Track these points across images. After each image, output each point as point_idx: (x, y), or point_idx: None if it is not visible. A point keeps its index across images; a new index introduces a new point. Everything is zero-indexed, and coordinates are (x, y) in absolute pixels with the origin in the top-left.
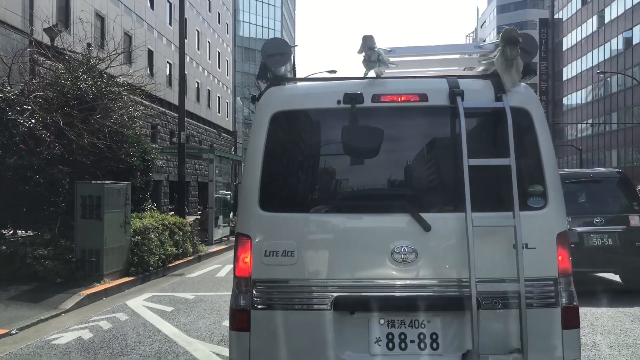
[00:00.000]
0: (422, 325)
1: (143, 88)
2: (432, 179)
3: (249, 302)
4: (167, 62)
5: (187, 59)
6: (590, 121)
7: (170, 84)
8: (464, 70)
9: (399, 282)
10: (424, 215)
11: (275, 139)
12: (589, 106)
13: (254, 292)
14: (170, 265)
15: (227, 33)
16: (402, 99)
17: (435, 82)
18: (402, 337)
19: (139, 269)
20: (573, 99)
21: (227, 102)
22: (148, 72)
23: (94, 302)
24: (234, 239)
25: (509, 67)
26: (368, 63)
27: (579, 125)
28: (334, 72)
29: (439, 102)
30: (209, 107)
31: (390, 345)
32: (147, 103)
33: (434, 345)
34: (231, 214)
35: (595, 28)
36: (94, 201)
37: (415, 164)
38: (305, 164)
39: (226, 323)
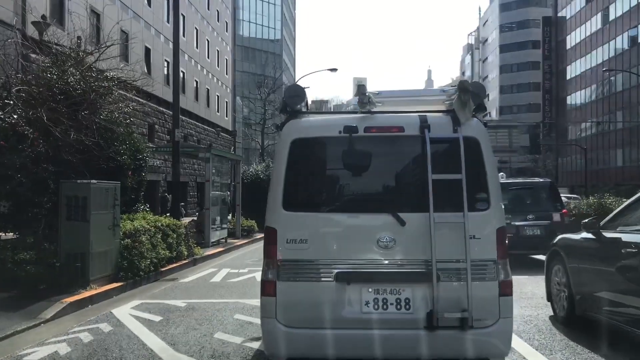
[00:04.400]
0: (399, 293)
1: (134, 83)
2: (407, 188)
3: (275, 276)
4: (165, 60)
5: (186, 57)
6: (592, 120)
7: (168, 82)
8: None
9: (382, 262)
10: (400, 214)
11: (294, 158)
12: (594, 105)
13: (279, 268)
14: (163, 269)
15: (227, 31)
16: (386, 130)
17: (410, 117)
18: (384, 301)
19: (128, 274)
20: (577, 97)
21: (227, 102)
22: (145, 70)
23: (78, 311)
24: (233, 240)
25: (463, 107)
26: (361, 104)
27: (583, 124)
28: (335, 70)
29: (413, 133)
30: (208, 106)
31: (376, 306)
32: (143, 101)
33: (407, 306)
34: (230, 215)
35: (599, 26)
36: (80, 202)
37: (395, 177)
38: (316, 176)
39: (218, 335)
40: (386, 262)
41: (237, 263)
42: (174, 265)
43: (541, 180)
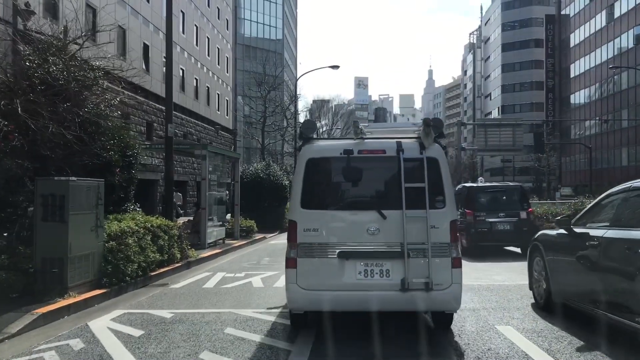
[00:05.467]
0: (382, 265)
1: (122, 74)
2: (387, 193)
3: (296, 254)
4: (164, 57)
5: (185, 54)
6: (598, 117)
7: None
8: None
9: (370, 244)
10: (383, 211)
11: (308, 172)
12: (598, 103)
13: (298, 249)
14: (152, 273)
15: (227, 29)
16: (373, 152)
17: (390, 142)
18: (372, 271)
19: (113, 280)
20: (581, 96)
21: (227, 100)
22: (144, 66)
23: (51, 323)
24: (231, 241)
25: (426, 136)
26: (356, 134)
27: (587, 123)
28: (337, 67)
29: (392, 154)
30: (208, 104)
31: (366, 275)
32: (141, 98)
33: (387, 275)
34: (228, 215)
35: (604, 23)
36: (57, 201)
37: (379, 185)
38: (324, 185)
39: (204, 356)
40: (373, 244)
41: (234, 266)
42: (166, 269)
43: (512, 184)
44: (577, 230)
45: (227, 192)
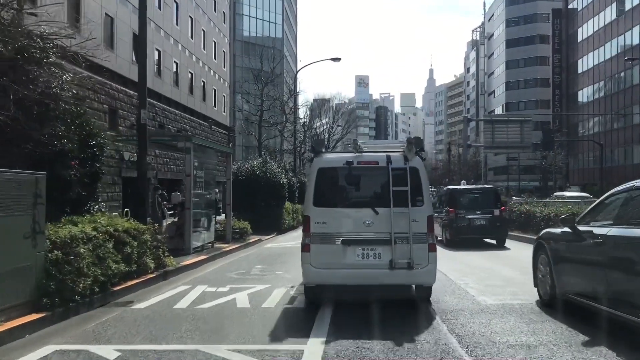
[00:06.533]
0: (375, 250)
1: (73, 46)
2: (379, 194)
3: (310, 241)
4: (156, 49)
5: (179, 47)
6: (608, 112)
7: (159, 73)
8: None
9: (366, 234)
10: (376, 208)
11: (319, 179)
12: (607, 99)
13: (311, 237)
14: (116, 288)
15: (224, 22)
16: (369, 163)
17: (381, 155)
18: (367, 254)
19: (56, 300)
20: (589, 92)
21: (225, 96)
22: (133, 58)
23: None
24: (222, 245)
25: (409, 151)
26: (355, 150)
27: (596, 120)
28: (338, 59)
29: (383, 164)
30: (204, 100)
31: (362, 257)
32: (131, 92)
33: (379, 257)
34: (223, 216)
35: (614, 16)
36: None
37: (373, 188)
38: (331, 188)
39: None
40: (368, 234)
41: (219, 277)
42: (135, 281)
43: (487, 186)
44: (582, 228)
45: (217, 190)
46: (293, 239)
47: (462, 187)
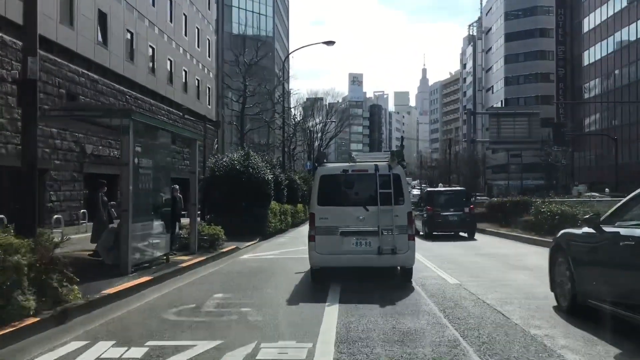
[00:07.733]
0: (366, 239)
1: None
2: (369, 195)
3: (314, 233)
4: (127, 30)
5: (156, 30)
6: (618, 101)
7: (132, 57)
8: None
9: (359, 227)
10: (367, 207)
11: (322, 184)
12: (618, 92)
13: (316, 230)
14: None
15: (209, 9)
16: (360, 171)
17: (370, 164)
18: (360, 242)
19: None
20: (596, 85)
21: (209, 88)
22: (100, 39)
23: None
24: (183, 258)
25: (393, 161)
26: (350, 160)
27: (604, 114)
28: (332, 43)
29: (372, 172)
30: (186, 91)
31: (356, 245)
32: (98, 77)
33: (370, 245)
34: (206, 216)
35: (624, 4)
36: None
37: (364, 191)
38: (331, 190)
39: None
40: (361, 227)
41: (148, 320)
42: None
43: (459, 188)
44: (608, 229)
45: (178, 187)
46: (279, 247)
47: (438, 188)
